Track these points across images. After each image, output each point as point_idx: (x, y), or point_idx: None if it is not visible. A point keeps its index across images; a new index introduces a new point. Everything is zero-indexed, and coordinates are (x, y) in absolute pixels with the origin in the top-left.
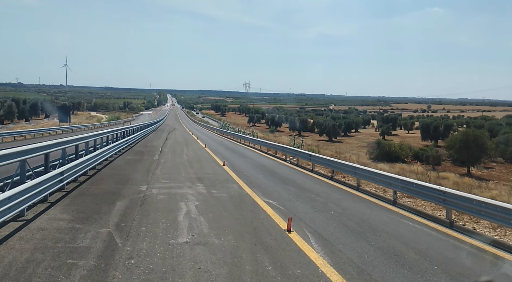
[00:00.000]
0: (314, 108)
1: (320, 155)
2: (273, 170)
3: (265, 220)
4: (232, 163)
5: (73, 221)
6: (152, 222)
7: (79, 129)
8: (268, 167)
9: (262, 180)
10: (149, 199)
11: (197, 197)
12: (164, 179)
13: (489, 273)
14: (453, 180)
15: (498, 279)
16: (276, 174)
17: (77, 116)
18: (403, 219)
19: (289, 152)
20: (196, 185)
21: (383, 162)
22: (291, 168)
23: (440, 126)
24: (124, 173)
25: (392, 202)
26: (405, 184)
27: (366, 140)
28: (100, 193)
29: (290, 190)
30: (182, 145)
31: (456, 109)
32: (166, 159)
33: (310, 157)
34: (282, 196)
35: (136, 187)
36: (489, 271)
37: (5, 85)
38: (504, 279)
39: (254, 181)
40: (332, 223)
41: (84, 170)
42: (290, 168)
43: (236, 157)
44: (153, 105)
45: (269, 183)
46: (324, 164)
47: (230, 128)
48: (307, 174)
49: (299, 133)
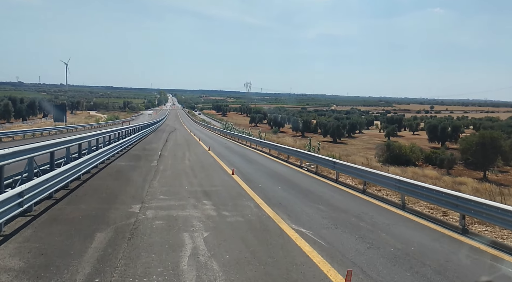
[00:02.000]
0: (316, 108)
1: (347, 163)
2: (291, 180)
3: (305, 266)
4: (241, 170)
5: (23, 275)
6: (143, 273)
7: (75, 129)
8: (284, 175)
9: (282, 195)
10: (141, 227)
11: (205, 224)
12: (163, 193)
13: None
14: (471, 186)
15: (498, 280)
16: (295, 186)
17: (76, 115)
18: (497, 263)
19: (305, 157)
20: (203, 203)
21: (393, 165)
22: (310, 177)
23: (448, 127)
24: (114, 185)
25: (461, 231)
26: (478, 206)
27: (371, 141)
28: (77, 218)
29: (321, 211)
30: (184, 148)
31: (459, 110)
32: (166, 165)
33: (334, 164)
34: (314, 220)
35: (126, 208)
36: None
37: (5, 84)
38: (504, 279)
39: (273, 196)
40: (403, 273)
41: (63, 182)
42: (310, 177)
43: (245, 163)
44: (153, 104)
45: (292, 199)
46: (352, 174)
47: (233, 129)
48: (332, 185)
49: (302, 134)
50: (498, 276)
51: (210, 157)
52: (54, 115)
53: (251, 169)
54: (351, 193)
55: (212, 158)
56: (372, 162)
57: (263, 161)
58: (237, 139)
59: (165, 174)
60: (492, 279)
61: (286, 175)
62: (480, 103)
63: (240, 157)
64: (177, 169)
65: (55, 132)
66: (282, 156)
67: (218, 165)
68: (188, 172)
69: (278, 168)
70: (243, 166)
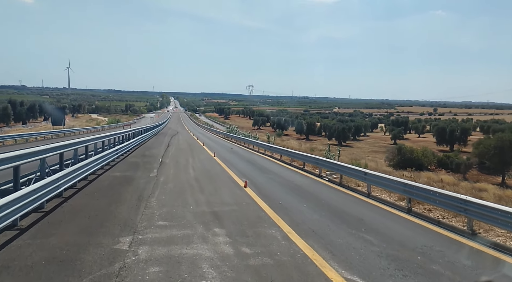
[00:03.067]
0: (319, 111)
1: (383, 174)
2: (315, 195)
3: None
4: (254, 182)
5: None
6: None
7: (73, 133)
8: (305, 188)
9: (312, 218)
10: (129, 280)
11: (220, 271)
12: (162, 217)
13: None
14: (493, 193)
15: (498, 280)
16: (324, 204)
17: (78, 118)
18: None
19: (327, 166)
20: (214, 233)
21: (405, 169)
22: (336, 190)
23: (456, 130)
24: (101, 205)
25: None
26: None
27: (376, 144)
28: (37, 266)
29: (371, 244)
30: (187, 154)
31: (462, 112)
32: (167, 176)
33: (365, 176)
34: (369, 260)
35: (111, 242)
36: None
37: (8, 88)
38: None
39: (301, 220)
40: None
41: (35, 204)
42: (336, 190)
43: (257, 172)
44: (155, 107)
45: (326, 225)
46: (390, 188)
47: (238, 132)
48: (368, 203)
49: (307, 137)
50: (498, 276)
51: (216, 164)
52: (52, 118)
53: (265, 180)
54: (395, 213)
55: (219, 165)
56: (382, 166)
57: (276, 169)
58: (243, 143)
59: (166, 188)
60: (492, 279)
61: (307, 187)
62: (482, 105)
63: (249, 164)
64: (180, 181)
65: (51, 136)
66: (296, 162)
67: (226, 174)
68: (193, 184)
69: (295, 178)
70: (255, 176)
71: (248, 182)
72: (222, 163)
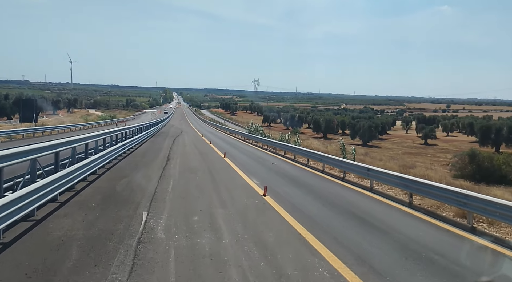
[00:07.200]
0: (327, 107)
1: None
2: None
3: None
4: None
5: None
6: None
7: (41, 133)
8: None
9: None
10: None
11: None
12: None
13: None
14: None
15: (498, 280)
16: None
17: (73, 113)
18: None
19: (381, 178)
20: None
21: (485, 183)
22: (407, 214)
23: (503, 128)
24: None
25: None
26: None
27: (405, 144)
28: None
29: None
30: (204, 179)
31: (477, 109)
32: (164, 260)
33: (465, 199)
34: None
35: None
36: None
37: (11, 83)
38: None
39: None
40: None
41: None
42: (406, 214)
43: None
44: (158, 103)
45: None
46: None
47: (263, 133)
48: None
49: (324, 135)
50: (498, 276)
51: (274, 213)
52: (20, 114)
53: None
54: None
55: (278, 215)
56: (445, 176)
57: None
58: (277, 149)
59: None
60: (492, 279)
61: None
62: (488, 102)
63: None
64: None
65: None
66: (348, 175)
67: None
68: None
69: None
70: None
71: None
72: (287, 214)
